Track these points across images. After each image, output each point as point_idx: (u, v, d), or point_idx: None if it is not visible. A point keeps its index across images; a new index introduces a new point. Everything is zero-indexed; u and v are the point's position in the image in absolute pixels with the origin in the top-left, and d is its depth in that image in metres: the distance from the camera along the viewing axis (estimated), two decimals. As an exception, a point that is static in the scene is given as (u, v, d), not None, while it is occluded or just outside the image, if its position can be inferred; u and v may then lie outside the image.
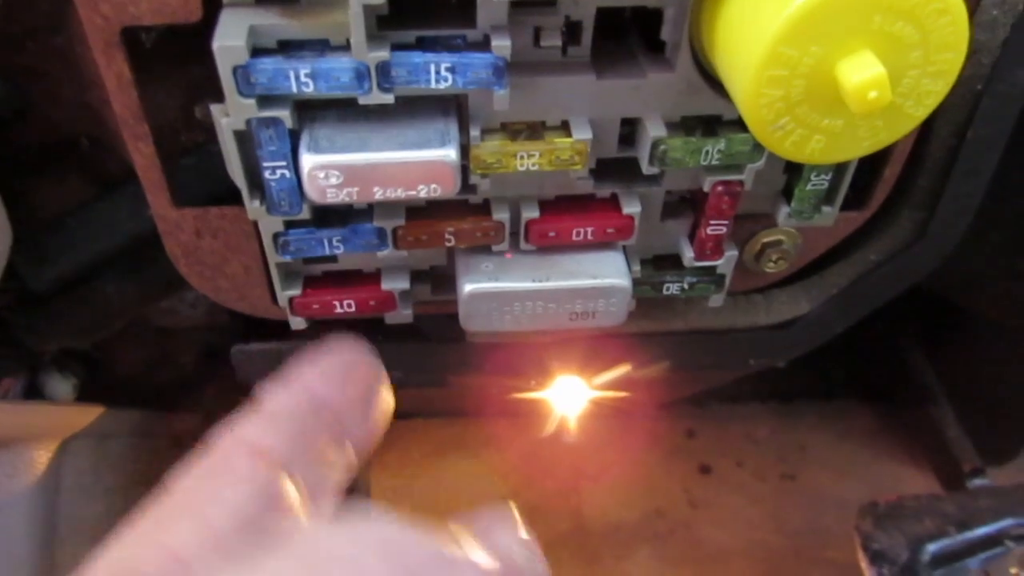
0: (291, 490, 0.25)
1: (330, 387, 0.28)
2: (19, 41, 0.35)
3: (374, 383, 0.30)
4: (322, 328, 0.36)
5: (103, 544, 0.23)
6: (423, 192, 0.31)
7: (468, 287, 0.35)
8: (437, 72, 0.28)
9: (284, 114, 0.29)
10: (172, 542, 0.23)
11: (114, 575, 0.22)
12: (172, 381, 0.59)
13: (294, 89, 0.28)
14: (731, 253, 0.37)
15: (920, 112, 0.27)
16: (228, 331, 0.53)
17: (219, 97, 0.29)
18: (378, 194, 0.30)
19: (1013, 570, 0.52)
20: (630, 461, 0.85)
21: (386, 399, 0.30)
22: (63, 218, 0.41)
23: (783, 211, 0.36)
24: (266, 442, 0.26)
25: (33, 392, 0.49)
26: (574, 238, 0.35)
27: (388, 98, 0.29)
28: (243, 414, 0.27)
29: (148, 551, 0.23)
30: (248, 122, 0.29)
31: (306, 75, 0.28)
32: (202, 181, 0.36)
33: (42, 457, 0.44)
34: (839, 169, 0.35)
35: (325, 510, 0.26)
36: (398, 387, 0.31)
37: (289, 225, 0.33)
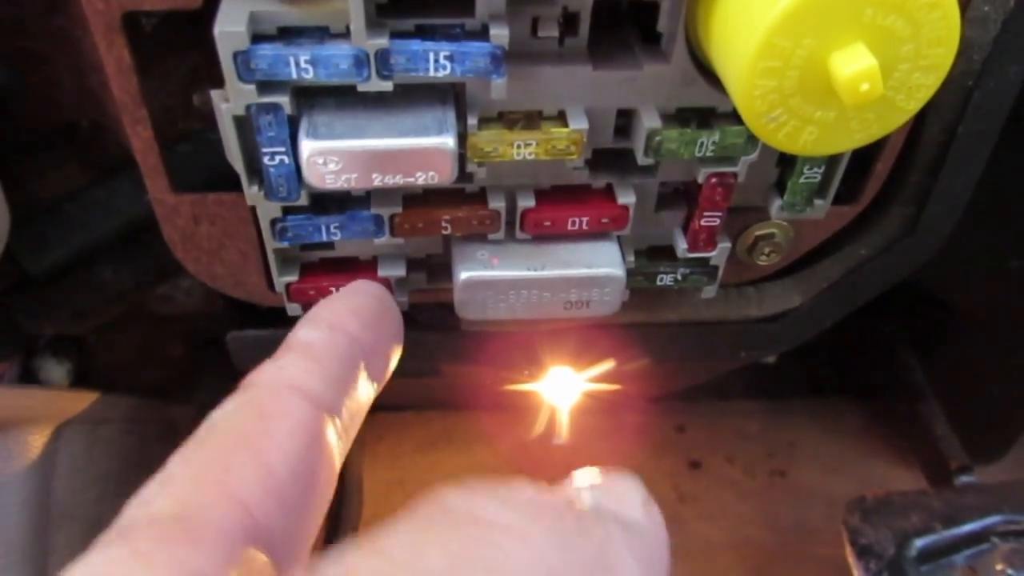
0: (334, 436, 0.25)
1: (364, 329, 0.29)
2: (18, 24, 0.35)
3: (398, 327, 0.31)
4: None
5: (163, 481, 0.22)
6: (421, 179, 0.31)
7: (464, 275, 0.35)
8: (436, 60, 0.29)
9: (284, 100, 0.29)
10: (238, 488, 0.22)
11: (183, 514, 0.21)
12: (166, 368, 0.59)
13: (294, 75, 0.28)
14: (724, 245, 0.38)
15: (911, 106, 0.27)
16: (223, 319, 0.53)
17: (217, 84, 0.29)
18: (376, 181, 0.31)
19: (999, 566, 0.52)
20: (620, 455, 0.85)
21: (400, 344, 0.31)
22: (61, 203, 0.41)
23: (776, 204, 0.37)
24: (312, 385, 0.26)
25: (28, 376, 0.49)
26: (569, 228, 0.35)
27: (387, 85, 0.29)
28: (286, 354, 0.27)
29: (214, 495, 0.22)
30: (248, 108, 0.29)
31: (306, 61, 0.28)
32: (198, 168, 0.36)
33: (37, 442, 0.44)
34: (831, 162, 0.35)
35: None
36: (391, 376, 0.31)
37: (287, 211, 0.34)
